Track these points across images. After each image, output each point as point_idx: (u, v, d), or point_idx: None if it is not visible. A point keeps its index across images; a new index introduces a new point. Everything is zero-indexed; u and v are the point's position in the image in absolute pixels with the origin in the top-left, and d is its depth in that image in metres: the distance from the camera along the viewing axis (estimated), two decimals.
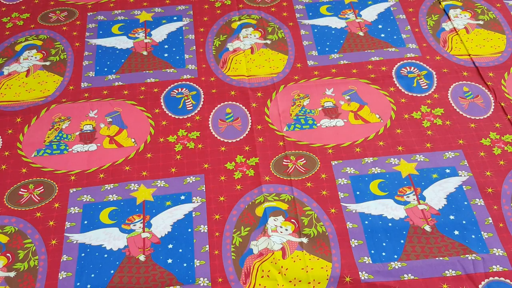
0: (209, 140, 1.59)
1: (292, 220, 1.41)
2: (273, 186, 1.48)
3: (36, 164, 1.54)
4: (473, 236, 1.36)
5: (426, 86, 1.71)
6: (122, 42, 1.87)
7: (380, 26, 1.89)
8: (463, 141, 1.56)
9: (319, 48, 1.83)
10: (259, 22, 1.92)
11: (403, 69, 1.76)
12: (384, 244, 1.36)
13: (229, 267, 1.33)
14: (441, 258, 1.32)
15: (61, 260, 1.35)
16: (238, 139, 1.59)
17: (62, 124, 1.63)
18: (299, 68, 1.77)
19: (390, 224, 1.39)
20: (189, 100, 1.69)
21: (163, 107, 1.67)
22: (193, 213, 1.43)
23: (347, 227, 1.39)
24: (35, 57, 1.82)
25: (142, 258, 1.35)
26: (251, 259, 1.34)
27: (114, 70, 1.78)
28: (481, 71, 1.73)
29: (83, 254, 1.36)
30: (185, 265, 1.34)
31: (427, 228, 1.38)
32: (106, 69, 1.78)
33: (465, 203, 1.43)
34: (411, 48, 1.82)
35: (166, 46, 1.85)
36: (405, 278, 1.30)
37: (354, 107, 1.66)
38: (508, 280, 1.28)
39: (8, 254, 1.36)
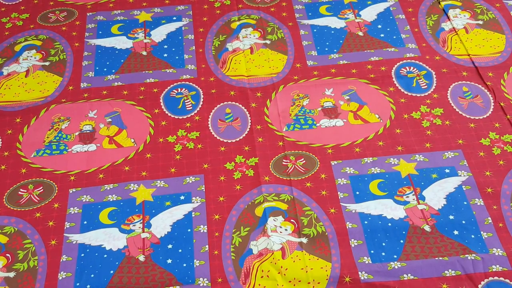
0: (209, 140, 1.59)
1: (292, 220, 1.41)
2: (273, 186, 1.48)
3: (35, 164, 1.54)
4: (472, 236, 1.36)
5: (426, 86, 1.71)
6: (121, 42, 1.87)
7: (379, 26, 1.89)
8: (463, 141, 1.56)
9: (318, 48, 1.83)
10: (258, 22, 1.92)
11: (402, 69, 1.76)
12: (383, 244, 1.36)
13: (229, 267, 1.33)
14: (440, 258, 1.32)
15: (61, 260, 1.35)
16: (237, 139, 1.59)
17: (62, 124, 1.63)
18: (299, 68, 1.77)
19: (389, 224, 1.39)
20: (188, 100, 1.69)
21: (163, 107, 1.67)
22: (193, 213, 1.43)
23: (347, 227, 1.39)
24: (35, 57, 1.82)
25: (141, 258, 1.35)
26: (251, 259, 1.34)
27: (113, 70, 1.78)
28: (480, 71, 1.73)
29: (82, 255, 1.36)
30: (184, 265, 1.34)
31: (427, 228, 1.38)
32: (105, 69, 1.78)
33: (465, 203, 1.43)
34: (411, 48, 1.82)
35: (165, 46, 1.85)
36: (404, 278, 1.30)
37: (354, 107, 1.66)
38: (507, 280, 1.28)
39: (7, 255, 1.36)
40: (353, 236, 1.37)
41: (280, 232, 1.38)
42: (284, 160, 1.53)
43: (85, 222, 1.42)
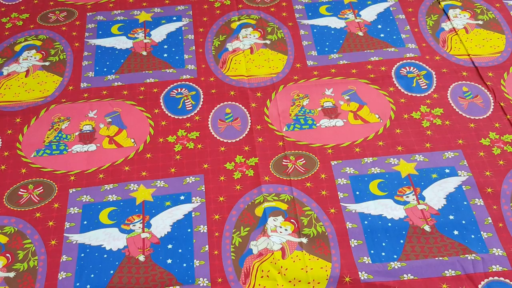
0: (209, 140, 1.59)
1: (292, 220, 1.41)
2: (273, 186, 1.48)
3: (35, 164, 1.54)
4: (472, 236, 1.36)
5: (426, 86, 1.71)
6: (121, 42, 1.87)
7: (379, 26, 1.89)
8: (463, 141, 1.56)
9: (318, 48, 1.83)
10: (258, 22, 1.92)
11: (402, 69, 1.76)
12: (383, 244, 1.36)
13: (229, 267, 1.33)
14: (440, 258, 1.32)
15: (61, 260, 1.35)
16: (237, 139, 1.59)
17: (62, 124, 1.63)
18: (299, 68, 1.77)
19: (389, 224, 1.39)
20: (188, 100, 1.69)
21: (163, 107, 1.67)
22: (193, 213, 1.43)
23: (347, 227, 1.39)
24: (35, 57, 1.82)
25: (141, 258, 1.35)
26: (251, 259, 1.34)
27: (113, 70, 1.78)
28: (480, 71, 1.73)
29: (82, 255, 1.36)
30: (184, 265, 1.34)
31: (427, 228, 1.38)
32: (105, 69, 1.78)
33: (465, 203, 1.43)
34: (411, 48, 1.82)
35: (165, 46, 1.85)
36: (404, 278, 1.30)
37: (354, 107, 1.66)
38: (507, 280, 1.28)
39: (7, 255, 1.36)
40: (353, 236, 1.37)
41: (280, 232, 1.38)
42: (284, 160, 1.53)
43: (85, 222, 1.42)
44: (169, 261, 1.35)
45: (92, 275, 1.32)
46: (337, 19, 1.93)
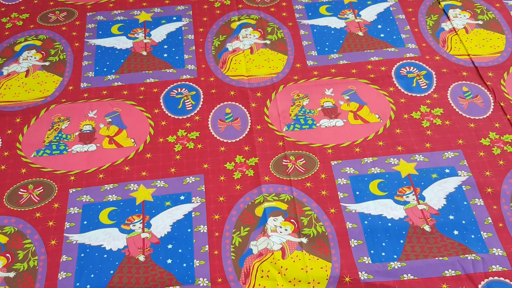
0: (209, 140, 1.59)
1: (292, 220, 1.41)
2: (273, 186, 1.48)
3: (35, 164, 1.54)
4: (472, 236, 1.36)
5: (426, 86, 1.71)
6: (121, 42, 1.87)
7: (379, 26, 1.89)
8: (463, 141, 1.56)
9: (318, 48, 1.83)
10: (258, 22, 1.92)
11: (402, 69, 1.76)
12: (383, 244, 1.36)
13: (229, 267, 1.33)
14: (440, 258, 1.32)
15: (61, 260, 1.35)
16: (237, 139, 1.59)
17: (62, 124, 1.63)
18: (299, 68, 1.77)
19: (389, 224, 1.39)
20: (188, 100, 1.69)
21: (163, 107, 1.67)
22: (193, 213, 1.43)
23: (347, 227, 1.39)
24: (35, 57, 1.82)
25: (141, 258, 1.35)
26: (251, 259, 1.34)
27: (113, 70, 1.78)
28: (480, 71, 1.73)
29: (82, 255, 1.36)
30: (184, 265, 1.34)
31: (427, 228, 1.38)
32: (105, 69, 1.78)
33: (465, 203, 1.43)
34: (411, 48, 1.82)
35: (165, 46, 1.85)
36: (404, 278, 1.30)
37: (354, 107, 1.66)
38: (507, 280, 1.28)
39: (7, 255, 1.36)
40: (353, 236, 1.37)
41: (280, 232, 1.38)
42: (284, 160, 1.53)
43: (85, 222, 1.42)
44: (169, 261, 1.35)
45: (92, 275, 1.32)
46: (337, 19, 1.93)
